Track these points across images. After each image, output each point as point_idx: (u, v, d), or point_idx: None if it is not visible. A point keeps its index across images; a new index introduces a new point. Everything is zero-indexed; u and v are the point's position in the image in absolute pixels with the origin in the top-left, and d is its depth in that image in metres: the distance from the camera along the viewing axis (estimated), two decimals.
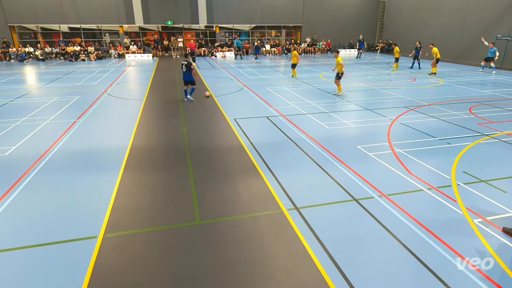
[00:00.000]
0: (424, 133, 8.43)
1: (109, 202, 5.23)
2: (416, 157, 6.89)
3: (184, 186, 5.83)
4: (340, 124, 9.27)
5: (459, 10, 23.64)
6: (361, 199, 5.28)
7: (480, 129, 8.74)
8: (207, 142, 8.09)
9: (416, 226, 4.57)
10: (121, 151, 7.35)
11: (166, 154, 7.37)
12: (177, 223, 4.73)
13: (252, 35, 32.09)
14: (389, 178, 6.03)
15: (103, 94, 13.48)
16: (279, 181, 5.89)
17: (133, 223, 4.74)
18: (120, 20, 27.60)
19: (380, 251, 4.14)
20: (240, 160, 6.92)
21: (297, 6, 30.43)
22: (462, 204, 5.11)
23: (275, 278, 3.73)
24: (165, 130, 9.13)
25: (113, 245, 4.27)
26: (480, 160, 6.85)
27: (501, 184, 5.74)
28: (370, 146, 7.51)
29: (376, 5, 32.28)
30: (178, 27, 29.79)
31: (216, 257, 4.03)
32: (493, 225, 4.60)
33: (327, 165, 6.56)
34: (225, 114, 10.34)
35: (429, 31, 25.98)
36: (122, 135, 8.48)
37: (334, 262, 3.89)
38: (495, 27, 21.09)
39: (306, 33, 31.42)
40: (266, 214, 4.93)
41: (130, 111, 10.97)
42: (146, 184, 6.02)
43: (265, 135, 8.46)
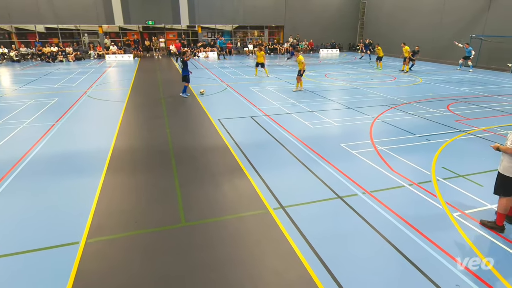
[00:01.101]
0: (405, 130, 8.64)
1: (91, 206, 5.11)
2: (398, 154, 7.06)
3: (169, 187, 5.76)
4: (323, 123, 9.38)
5: (436, 10, 24.36)
6: (345, 196, 5.36)
7: (457, 125, 9.03)
8: (191, 142, 8.01)
9: (398, 222, 4.68)
10: (103, 154, 7.19)
11: (150, 156, 7.26)
12: (162, 225, 4.67)
13: (235, 35, 32.03)
14: (372, 175, 6.15)
15: (83, 95, 13.14)
16: (264, 181, 5.90)
17: (117, 227, 4.64)
18: (99, 20, 26.97)
19: (365, 247, 4.22)
20: (225, 161, 6.90)
21: (280, 6, 30.58)
22: (442, 199, 5.27)
23: (263, 278, 3.73)
24: (148, 131, 8.99)
25: (96, 250, 4.17)
26: (458, 155, 7.08)
27: (478, 178, 5.96)
28: (353, 144, 7.64)
29: (357, 5, 32.83)
30: (159, 27, 29.38)
31: (203, 259, 4.00)
32: (471, 218, 4.76)
33: (311, 163, 6.63)
34: (209, 115, 10.28)
35: (408, 31, 26.64)
36: (104, 137, 8.30)
37: (320, 260, 3.93)
38: (470, 27, 21.85)
39: (288, 33, 31.62)
40: (252, 214, 4.93)
41: (112, 113, 10.74)
42: (130, 187, 5.91)
43: (250, 135, 8.46)
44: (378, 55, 20.94)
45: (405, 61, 18.81)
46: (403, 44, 18.97)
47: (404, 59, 18.85)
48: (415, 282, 3.61)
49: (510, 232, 4.45)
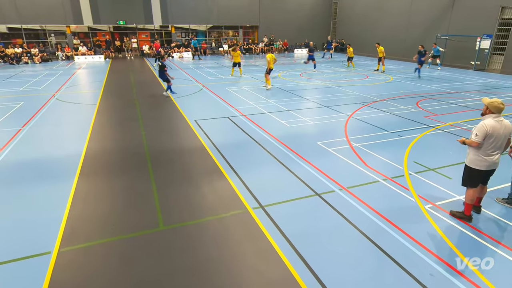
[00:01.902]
0: (378, 127, 8.92)
1: (63, 214, 4.90)
2: (372, 150, 7.27)
3: (146, 191, 5.63)
4: (300, 122, 9.50)
5: (404, 11, 25.32)
6: (323, 193, 5.46)
7: (426, 121, 9.43)
8: (167, 144, 7.88)
9: (374, 216, 4.82)
10: (75, 158, 6.92)
11: (125, 159, 7.06)
12: (139, 230, 4.55)
13: (209, 35, 31.79)
14: (348, 171, 6.30)
15: (51, 99, 12.58)
16: (243, 181, 5.90)
17: (92, 234, 4.48)
18: (66, 20, 25.92)
19: (343, 242, 4.31)
20: (203, 162, 6.83)
21: (254, 6, 30.66)
22: (414, 192, 5.48)
23: (244, 277, 3.73)
24: (122, 134, 8.74)
25: (70, 259, 4.01)
26: (428, 150, 7.40)
27: (446, 171, 6.25)
28: (329, 142, 7.79)
29: (329, 6, 33.51)
30: (131, 27, 28.65)
31: (183, 261, 3.95)
32: (442, 209, 4.99)
33: (289, 162, 6.70)
34: (185, 116, 10.14)
35: (379, 30, 27.51)
36: (75, 142, 7.98)
37: (300, 257, 3.98)
38: (435, 27, 22.88)
39: (263, 33, 31.77)
40: (231, 214, 4.92)
41: (83, 116, 10.35)
42: (104, 191, 5.72)
43: (227, 136, 8.43)
44: (348, 55, 21.33)
45: (380, 61, 18.95)
46: (377, 44, 19.20)
47: (379, 59, 18.96)
48: (391, 273, 3.74)
49: (477, 221, 4.70)
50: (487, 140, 4.27)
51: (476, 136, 4.29)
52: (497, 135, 4.25)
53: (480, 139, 4.27)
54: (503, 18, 19.31)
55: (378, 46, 19.00)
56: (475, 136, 4.30)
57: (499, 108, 4.25)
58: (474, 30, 20.09)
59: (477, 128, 4.30)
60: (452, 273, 3.71)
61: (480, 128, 4.27)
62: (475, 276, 3.67)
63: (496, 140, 4.27)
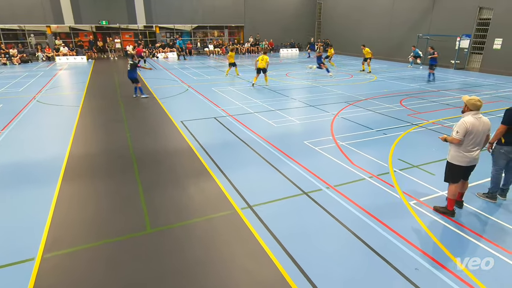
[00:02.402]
0: (363, 125, 9.06)
1: (46, 219, 4.77)
2: (357, 148, 7.38)
3: (132, 193, 5.54)
4: (286, 121, 9.55)
5: (386, 12, 25.79)
6: (311, 192, 5.51)
7: (410, 119, 9.64)
8: (153, 146, 7.78)
9: (361, 213, 4.90)
10: (58, 162, 6.75)
11: (110, 161, 6.94)
12: (126, 233, 4.48)
13: (195, 35, 31.57)
14: (335, 170, 6.38)
15: (32, 101, 12.23)
16: (231, 181, 5.88)
17: (77, 239, 4.38)
18: (46, 20, 25.24)
19: (331, 239, 4.36)
20: (190, 163, 6.78)
21: (239, 6, 30.62)
22: (399, 189, 5.59)
23: (234, 279, 3.72)
24: (106, 136, 8.58)
25: (54, 265, 3.91)
26: (412, 147, 7.56)
27: (430, 167, 6.40)
28: (315, 141, 7.86)
29: (314, 6, 33.80)
30: (114, 27, 28.14)
31: (171, 264, 3.91)
32: (426, 205, 5.11)
33: (276, 162, 6.72)
34: (171, 117, 10.04)
35: (362, 31, 27.92)
36: (58, 145, 7.79)
37: (289, 256, 4.00)
38: (416, 27, 23.40)
39: (248, 33, 31.77)
40: (220, 215, 4.90)
41: (65, 118, 10.11)
42: (89, 195, 5.61)
43: (214, 136, 8.39)
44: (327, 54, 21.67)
45: (365, 61, 18.90)
46: (362, 46, 19.26)
47: (365, 59, 18.94)
48: (378, 269, 3.81)
49: (460, 215, 4.84)
50: (467, 136, 4.40)
51: (457, 133, 4.41)
52: (477, 131, 4.38)
53: (460, 136, 4.40)
54: (481, 18, 19.92)
55: (363, 48, 19.03)
56: (456, 133, 4.43)
57: (476, 106, 4.39)
58: (454, 30, 20.66)
59: (458, 126, 4.43)
60: (436, 267, 3.81)
61: (460, 125, 4.40)
62: (458, 268, 3.77)
63: (475, 137, 4.41)
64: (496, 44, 19.10)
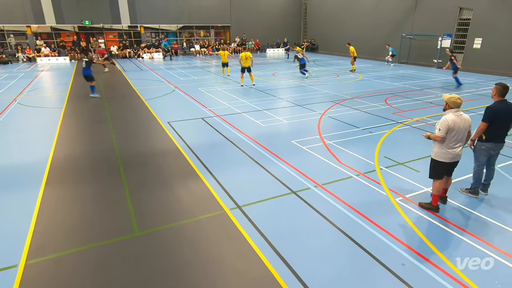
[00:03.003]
0: (349, 124, 9.17)
1: (30, 224, 4.65)
2: (344, 147, 7.47)
3: (118, 196, 5.45)
4: (274, 121, 9.58)
5: (370, 12, 26.18)
6: (299, 191, 5.54)
7: (394, 117, 9.82)
8: (140, 148, 7.67)
9: (348, 211, 4.96)
10: (41, 165, 6.58)
11: (95, 164, 6.81)
12: (113, 237, 4.41)
13: (180, 35, 31.30)
14: (322, 168, 6.43)
15: (13, 103, 11.89)
16: (219, 182, 5.86)
17: (62, 244, 4.28)
18: (27, 20, 24.57)
19: (319, 237, 4.40)
20: (177, 164, 6.72)
21: (225, 6, 30.53)
22: (385, 186, 5.69)
23: (224, 279, 3.71)
24: (91, 138, 8.42)
25: (39, 271, 3.81)
26: (397, 145, 7.71)
27: (414, 164, 6.54)
28: (303, 140, 7.91)
29: (299, 6, 34.02)
30: (97, 27, 27.62)
31: (160, 266, 3.86)
32: (411, 201, 5.21)
33: (265, 161, 6.74)
34: (157, 118, 9.92)
35: (347, 31, 28.25)
36: (41, 148, 7.59)
37: (279, 255, 4.02)
38: (400, 27, 23.84)
39: (235, 33, 31.71)
40: (208, 216, 4.87)
41: (48, 121, 9.86)
42: (74, 199, 5.48)
43: (202, 137, 8.34)
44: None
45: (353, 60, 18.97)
46: (348, 44, 19.35)
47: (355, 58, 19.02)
48: (366, 265, 3.86)
49: (444, 211, 4.96)
50: (449, 133, 4.52)
51: (439, 130, 4.52)
52: (458, 128, 4.51)
53: (443, 133, 4.51)
54: (461, 19, 20.46)
55: (348, 46, 19.05)
56: (439, 130, 4.54)
57: (457, 103, 4.52)
58: (436, 30, 21.16)
59: (440, 123, 4.55)
60: (422, 261, 3.89)
61: (442, 123, 4.51)
62: (443, 263, 3.87)
63: (457, 134, 4.53)
64: (476, 44, 19.65)
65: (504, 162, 6.56)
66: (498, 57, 18.54)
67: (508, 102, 4.97)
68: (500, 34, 18.28)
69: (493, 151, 5.09)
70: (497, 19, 18.36)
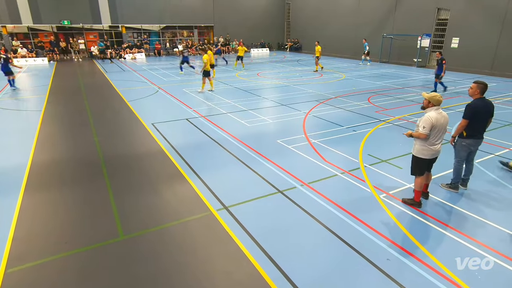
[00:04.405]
0: (334, 123, 9.29)
1: (8, 232, 4.49)
2: (329, 145, 7.56)
3: (102, 200, 5.34)
4: (259, 121, 9.60)
5: (352, 12, 26.59)
6: (285, 190, 5.57)
7: (377, 116, 10.01)
8: (123, 150, 7.53)
9: (334, 208, 5.02)
10: (19, 171, 6.36)
11: (77, 168, 6.63)
12: (97, 242, 4.31)
13: (163, 35, 30.91)
14: (308, 167, 6.49)
15: None
16: (205, 183, 5.82)
17: (43, 251, 4.15)
18: (2, 20, 23.73)
19: (306, 235, 4.44)
20: (162, 166, 6.64)
21: (208, 6, 30.37)
22: (369, 183, 5.79)
23: (211, 280, 3.69)
24: (73, 142, 8.20)
25: (19, 279, 3.68)
26: (380, 143, 7.86)
27: (397, 161, 6.68)
28: (288, 139, 7.96)
29: (282, 6, 34.20)
30: (77, 27, 26.95)
31: (147, 270, 3.80)
32: (395, 197, 5.33)
33: (250, 161, 6.74)
34: (141, 119, 9.77)
35: (329, 31, 28.62)
36: (18, 153, 7.34)
37: (267, 255, 4.02)
38: (381, 27, 24.33)
39: (218, 33, 31.59)
40: (195, 218, 4.83)
41: (26, 124, 9.55)
42: (56, 204, 5.33)
43: (187, 138, 8.27)
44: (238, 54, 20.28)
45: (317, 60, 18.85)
46: (316, 42, 19.29)
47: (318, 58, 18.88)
48: (352, 261, 3.92)
49: (426, 206, 5.09)
50: (432, 131, 4.64)
51: (424, 128, 4.63)
52: (440, 125, 4.64)
53: (427, 130, 4.62)
54: (439, 19, 21.07)
55: (317, 44, 18.75)
56: (423, 128, 4.63)
57: (439, 101, 4.65)
58: (415, 30, 21.71)
59: (423, 121, 4.64)
60: (406, 256, 3.98)
61: (426, 121, 4.61)
62: (427, 257, 3.97)
63: (439, 131, 4.66)
64: (453, 43, 20.27)
65: (482, 158, 6.80)
66: (474, 55, 19.20)
67: (486, 100, 5.15)
68: (476, 34, 18.93)
69: (473, 147, 5.26)
70: (473, 19, 19.01)
